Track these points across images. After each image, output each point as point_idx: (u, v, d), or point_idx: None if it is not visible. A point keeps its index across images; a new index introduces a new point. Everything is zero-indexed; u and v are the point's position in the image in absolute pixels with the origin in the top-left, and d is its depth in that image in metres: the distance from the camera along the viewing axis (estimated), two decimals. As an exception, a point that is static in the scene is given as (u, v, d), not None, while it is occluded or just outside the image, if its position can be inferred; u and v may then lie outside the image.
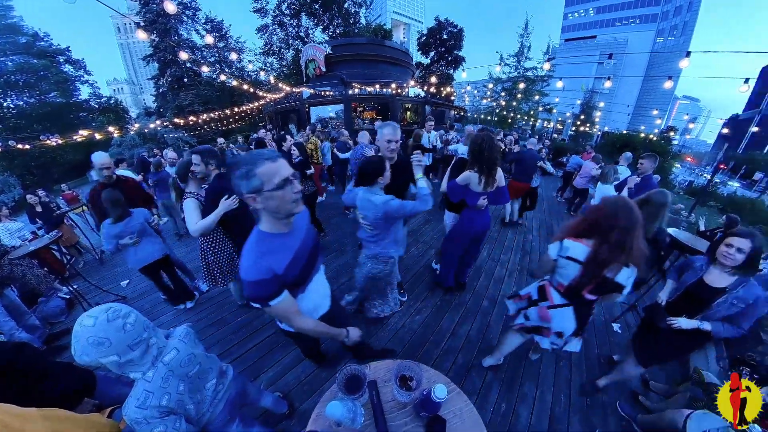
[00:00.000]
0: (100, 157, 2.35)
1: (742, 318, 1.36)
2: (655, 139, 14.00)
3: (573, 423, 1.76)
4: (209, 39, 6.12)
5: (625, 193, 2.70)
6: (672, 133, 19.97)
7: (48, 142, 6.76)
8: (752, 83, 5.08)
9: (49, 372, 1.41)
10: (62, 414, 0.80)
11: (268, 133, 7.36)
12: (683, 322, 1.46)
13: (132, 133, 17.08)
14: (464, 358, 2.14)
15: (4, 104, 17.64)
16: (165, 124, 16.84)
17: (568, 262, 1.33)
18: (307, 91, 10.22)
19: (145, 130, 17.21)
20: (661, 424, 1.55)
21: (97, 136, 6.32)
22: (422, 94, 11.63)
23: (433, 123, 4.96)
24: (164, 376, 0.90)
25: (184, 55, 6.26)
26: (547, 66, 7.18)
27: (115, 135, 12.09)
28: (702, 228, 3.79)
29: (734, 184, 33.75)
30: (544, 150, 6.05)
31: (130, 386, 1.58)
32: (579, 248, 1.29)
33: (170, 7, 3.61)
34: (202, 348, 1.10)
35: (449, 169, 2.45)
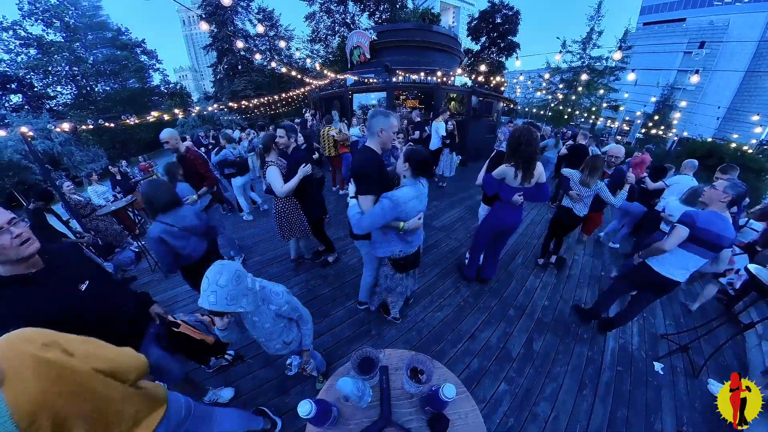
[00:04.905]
0: (164, 133, 2.49)
1: None
2: (750, 151, 11.15)
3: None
4: (260, 28, 6.58)
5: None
6: (777, 146, 15.76)
7: (127, 121, 7.85)
8: None
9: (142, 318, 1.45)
10: (98, 341, 0.80)
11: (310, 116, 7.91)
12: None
13: (193, 115, 19.09)
14: (479, 363, 2.05)
15: (96, 89, 21.04)
16: (221, 107, 18.51)
17: (750, 230, 2.61)
18: (351, 78, 10.28)
19: (204, 113, 19.14)
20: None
21: (166, 117, 7.16)
22: (469, 83, 10.98)
23: (448, 114, 5.24)
24: None
25: (239, 44, 6.70)
26: (618, 56, 6.16)
27: (180, 116, 13.63)
28: None
29: None
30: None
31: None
32: (757, 224, 2.50)
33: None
34: None
35: (487, 161, 2.42)
